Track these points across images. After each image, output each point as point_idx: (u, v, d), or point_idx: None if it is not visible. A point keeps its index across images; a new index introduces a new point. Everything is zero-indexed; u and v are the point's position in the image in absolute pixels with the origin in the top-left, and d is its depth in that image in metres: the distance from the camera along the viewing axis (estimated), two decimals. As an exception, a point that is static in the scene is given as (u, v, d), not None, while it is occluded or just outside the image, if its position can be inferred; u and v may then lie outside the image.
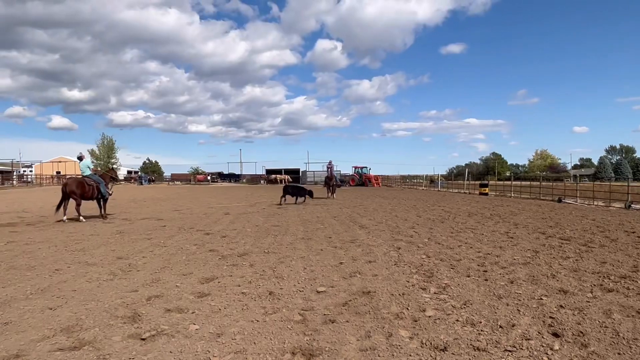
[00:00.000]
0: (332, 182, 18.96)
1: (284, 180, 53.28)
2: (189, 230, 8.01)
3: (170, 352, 2.71)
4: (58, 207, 9.48)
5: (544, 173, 58.71)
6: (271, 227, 8.36)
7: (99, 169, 11.03)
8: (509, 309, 3.42)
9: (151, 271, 4.67)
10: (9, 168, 48.82)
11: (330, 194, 19.25)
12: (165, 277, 4.44)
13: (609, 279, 4.31)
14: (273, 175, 54.39)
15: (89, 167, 10.24)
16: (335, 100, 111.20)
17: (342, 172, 46.64)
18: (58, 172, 52.55)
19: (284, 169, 59.54)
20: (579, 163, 73.74)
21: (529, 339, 2.86)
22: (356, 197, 20.51)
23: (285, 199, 15.28)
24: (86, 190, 9.81)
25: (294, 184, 19.07)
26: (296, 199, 15.50)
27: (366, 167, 44.72)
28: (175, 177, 58.06)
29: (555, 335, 2.94)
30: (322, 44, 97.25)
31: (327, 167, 20.32)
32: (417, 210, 12.67)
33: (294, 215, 11.13)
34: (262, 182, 56.19)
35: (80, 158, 10.31)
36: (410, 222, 9.37)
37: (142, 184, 47.42)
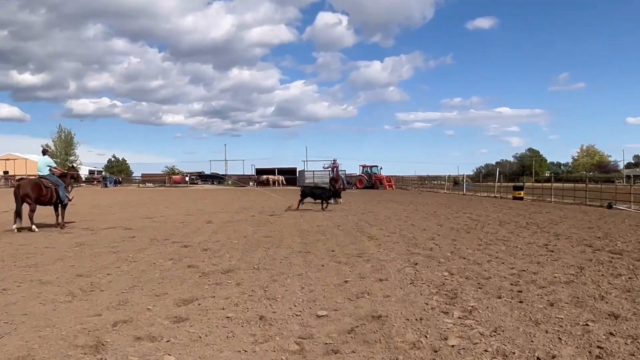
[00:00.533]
0: (338, 184, 18.94)
1: (278, 181, 53.52)
2: (164, 242, 8.04)
3: (141, 388, 2.71)
4: (17, 213, 9.35)
5: (591, 173, 58.76)
6: (262, 239, 8.39)
7: (68, 167, 11.05)
8: (549, 337, 3.42)
9: (118, 291, 4.69)
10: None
11: (336, 199, 19.31)
12: (134, 298, 4.45)
13: (669, 300, 4.30)
14: (264, 176, 54.70)
15: (48, 166, 10.15)
16: (339, 86, 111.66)
17: (347, 172, 46.68)
18: (6, 172, 52.67)
19: (278, 169, 59.70)
20: (633, 161, 73.80)
21: (572, 374, 2.85)
22: (364, 201, 20.53)
23: (303, 203, 15.23)
24: (43, 194, 9.62)
25: (313, 185, 18.90)
26: (322, 203, 15.26)
27: (376, 166, 44.86)
28: (146, 178, 58.30)
29: (604, 368, 2.94)
30: (324, 18, 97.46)
31: (332, 167, 20.29)
32: (438, 217, 12.69)
33: (290, 224, 11.13)
34: (251, 183, 56.38)
35: (44, 152, 10.35)
36: (429, 232, 9.39)
37: (106, 186, 47.56)
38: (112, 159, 75.97)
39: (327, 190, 15.73)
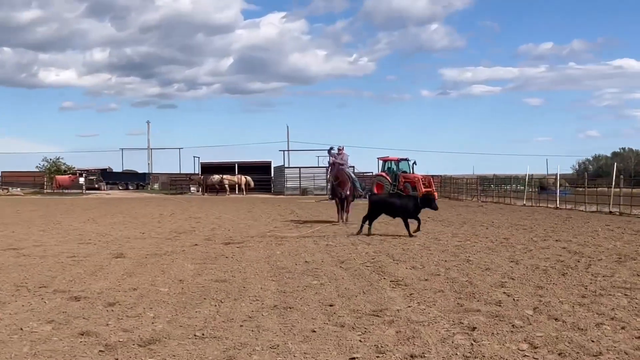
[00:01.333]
0: (344, 190, 19.06)
1: (239, 185, 53.59)
2: (38, 291, 7.97)
3: None
4: None
5: None
6: (211, 285, 8.35)
7: None
8: None
9: (-43, 378, 4.62)
10: None
11: (340, 215, 19.45)
12: (-15, 389, 4.39)
13: None
14: (216, 176, 54.82)
15: None
16: (345, 22, 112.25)
17: (356, 170, 46.79)
18: None
19: (239, 164, 59.94)
20: None
21: None
22: (386, 219, 20.44)
23: (369, 225, 15.31)
24: None
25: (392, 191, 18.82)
26: (406, 224, 15.24)
27: (406, 160, 44.94)
28: (11, 179, 58.25)
29: None
30: None
31: (330, 162, 20.18)
32: (512, 248, 12.71)
33: (259, 258, 11.12)
34: (192, 188, 56.59)
35: None
36: (496, 273, 9.40)
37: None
38: (-48, 146, 75.32)
39: (414, 200, 15.76)
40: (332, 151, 20.09)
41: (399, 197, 17.13)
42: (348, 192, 19.18)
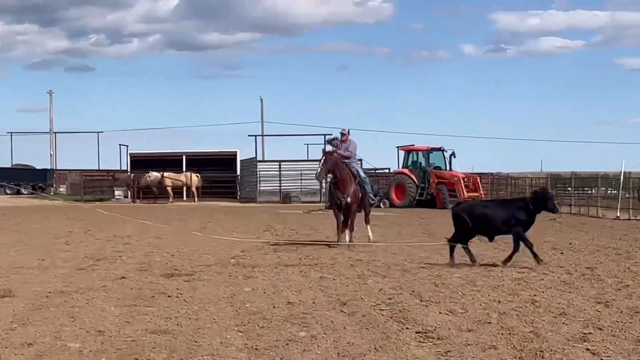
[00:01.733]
0: (344, 194, 19.33)
1: (192, 186, 53.70)
2: None
3: None
4: None
5: None
6: (146, 337, 8.35)
7: None
8: None
9: None
10: None
11: (341, 233, 19.73)
12: None
13: None
14: (153, 174, 54.92)
15: None
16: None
17: (364, 165, 46.99)
18: None
19: (188, 155, 59.99)
20: None
21: None
22: (410, 239, 20.54)
23: (469, 250, 15.60)
24: None
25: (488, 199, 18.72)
26: (527, 245, 15.65)
27: (441, 151, 45.07)
28: None
29: None
30: None
31: (325, 151, 20.31)
32: (600, 282, 12.81)
33: (219, 296, 11.23)
34: (118, 192, 56.48)
35: None
36: (576, 319, 9.44)
37: None
38: None
39: (524, 206, 15.96)
40: (334, 141, 20.17)
41: (501, 205, 17.22)
42: (350, 199, 19.33)
